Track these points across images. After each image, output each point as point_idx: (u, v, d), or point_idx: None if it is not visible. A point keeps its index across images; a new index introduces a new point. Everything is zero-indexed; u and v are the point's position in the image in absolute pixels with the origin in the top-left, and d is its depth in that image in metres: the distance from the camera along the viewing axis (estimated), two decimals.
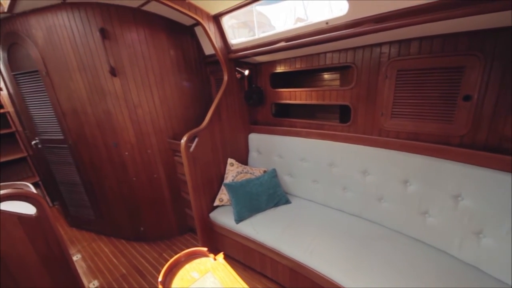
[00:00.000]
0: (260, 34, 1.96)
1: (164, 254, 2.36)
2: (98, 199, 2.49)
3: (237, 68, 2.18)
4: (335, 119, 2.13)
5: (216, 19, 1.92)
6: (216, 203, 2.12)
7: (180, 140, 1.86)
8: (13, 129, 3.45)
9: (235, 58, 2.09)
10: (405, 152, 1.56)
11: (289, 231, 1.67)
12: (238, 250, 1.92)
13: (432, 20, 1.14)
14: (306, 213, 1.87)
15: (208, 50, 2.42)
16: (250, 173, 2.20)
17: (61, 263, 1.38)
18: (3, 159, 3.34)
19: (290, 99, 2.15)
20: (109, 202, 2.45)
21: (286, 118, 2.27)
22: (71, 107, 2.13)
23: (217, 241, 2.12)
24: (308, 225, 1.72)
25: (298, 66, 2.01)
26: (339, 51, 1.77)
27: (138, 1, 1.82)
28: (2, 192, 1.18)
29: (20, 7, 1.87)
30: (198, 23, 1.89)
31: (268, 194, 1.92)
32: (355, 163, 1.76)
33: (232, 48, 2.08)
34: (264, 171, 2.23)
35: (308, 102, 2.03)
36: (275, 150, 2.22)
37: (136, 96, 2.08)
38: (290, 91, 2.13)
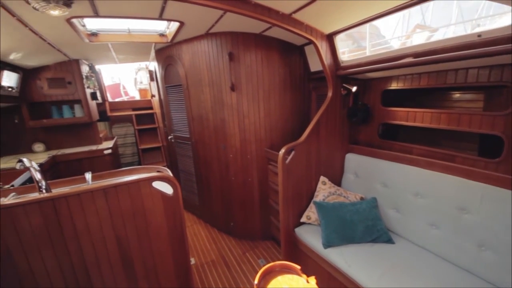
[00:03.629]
0: (369, 46, 1.82)
1: (247, 254, 2.54)
2: (204, 189, 2.99)
3: (344, 85, 2.11)
4: (471, 151, 1.67)
5: (330, 37, 1.93)
6: (303, 219, 2.09)
7: (275, 150, 1.97)
8: (156, 125, 4.70)
9: (344, 74, 2.02)
10: None
11: (391, 277, 1.42)
12: (323, 277, 1.80)
13: None
14: (416, 262, 1.53)
15: (314, 67, 2.47)
16: (344, 197, 2.05)
17: (179, 237, 1.72)
18: (147, 146, 4.59)
19: (407, 121, 1.85)
20: (211, 194, 2.89)
21: (397, 141, 1.98)
22: (198, 113, 2.69)
23: (299, 259, 2.08)
24: (419, 278, 1.40)
25: (423, 83, 1.72)
26: (490, 67, 1.39)
27: (261, 27, 2.09)
28: (155, 174, 1.61)
29: (177, 38, 2.52)
30: (309, 43, 1.97)
31: (365, 226, 1.72)
32: (504, 214, 1.31)
33: (342, 64, 2.03)
34: (361, 198, 2.02)
35: (434, 126, 1.68)
36: (378, 177, 1.97)
37: (246, 108, 2.38)
38: (408, 111, 1.83)
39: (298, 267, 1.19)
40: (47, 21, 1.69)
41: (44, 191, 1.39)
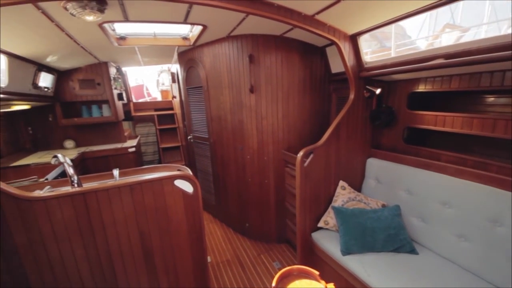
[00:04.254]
0: (394, 47, 1.74)
1: (262, 256, 2.53)
2: (220, 189, 3.03)
3: (367, 87, 2.04)
4: (506, 159, 1.55)
5: (353, 38, 1.88)
6: (321, 224, 2.05)
7: (293, 152, 1.94)
8: (176, 125, 4.84)
9: (367, 76, 1.96)
10: None
11: None
12: (340, 285, 1.74)
13: None
14: (441, 275, 1.44)
15: (335, 68, 2.42)
16: (364, 203, 1.98)
17: (198, 235, 1.75)
18: (167, 145, 4.73)
19: (435, 125, 1.75)
20: (227, 194, 2.92)
21: (424, 146, 1.88)
22: (217, 114, 2.73)
23: (315, 264, 2.03)
24: None
25: (454, 86, 1.62)
26: None
27: (282, 29, 2.09)
28: (177, 173, 1.66)
29: (200, 41, 2.59)
30: (331, 44, 1.93)
31: (387, 234, 1.65)
32: None
33: (365, 66, 1.97)
34: (383, 205, 1.94)
35: (466, 131, 1.58)
36: (402, 183, 1.88)
37: (264, 110, 2.38)
38: (437, 115, 1.73)
39: (317, 272, 1.17)
40: (82, 26, 1.81)
41: (76, 185, 1.48)
